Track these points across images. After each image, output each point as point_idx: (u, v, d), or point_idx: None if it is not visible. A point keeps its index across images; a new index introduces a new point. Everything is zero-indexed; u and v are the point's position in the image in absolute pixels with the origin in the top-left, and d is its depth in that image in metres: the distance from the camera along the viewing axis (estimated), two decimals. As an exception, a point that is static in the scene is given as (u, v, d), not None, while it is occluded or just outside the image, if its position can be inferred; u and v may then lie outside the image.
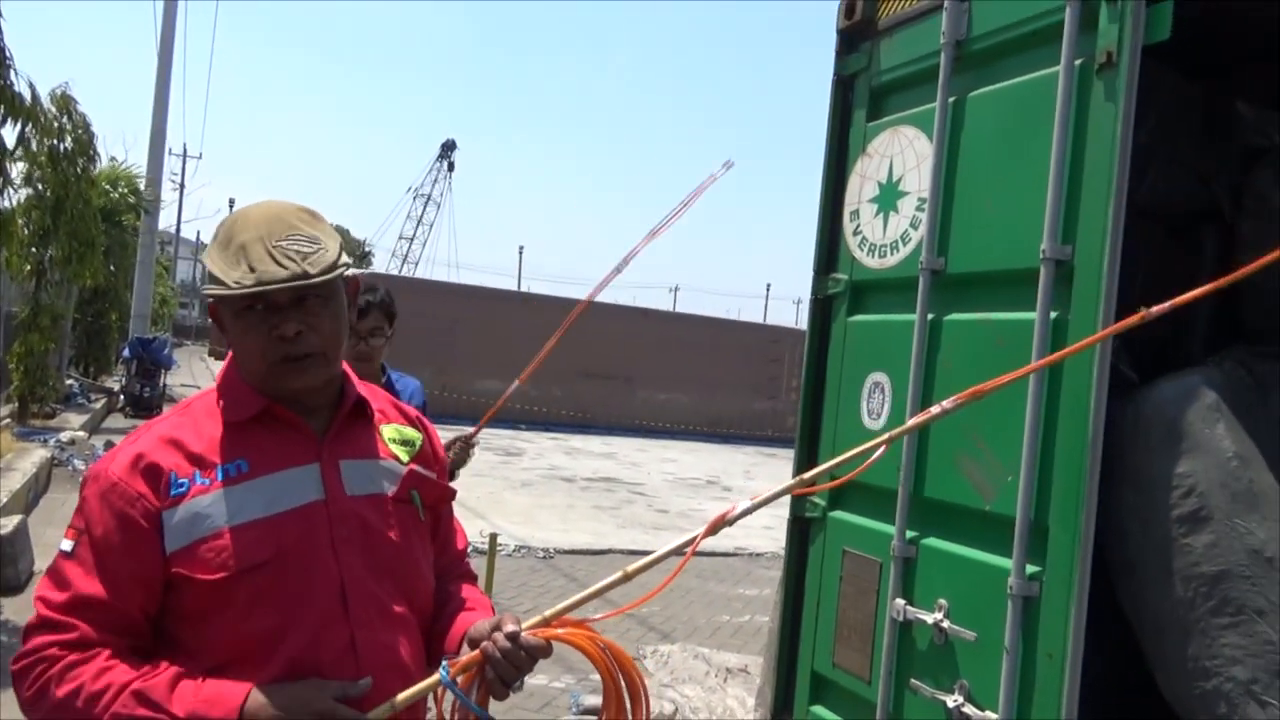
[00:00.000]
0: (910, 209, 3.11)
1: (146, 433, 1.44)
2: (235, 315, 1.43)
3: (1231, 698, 2.26)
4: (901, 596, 2.93)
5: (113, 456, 1.40)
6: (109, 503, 1.35)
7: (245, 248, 1.40)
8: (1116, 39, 2.45)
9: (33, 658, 1.29)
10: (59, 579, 1.34)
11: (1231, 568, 2.28)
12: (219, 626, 1.33)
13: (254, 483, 1.38)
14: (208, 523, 1.34)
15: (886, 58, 3.32)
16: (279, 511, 1.38)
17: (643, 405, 22.83)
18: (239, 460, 1.39)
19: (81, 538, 1.35)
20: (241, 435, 1.42)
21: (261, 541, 1.35)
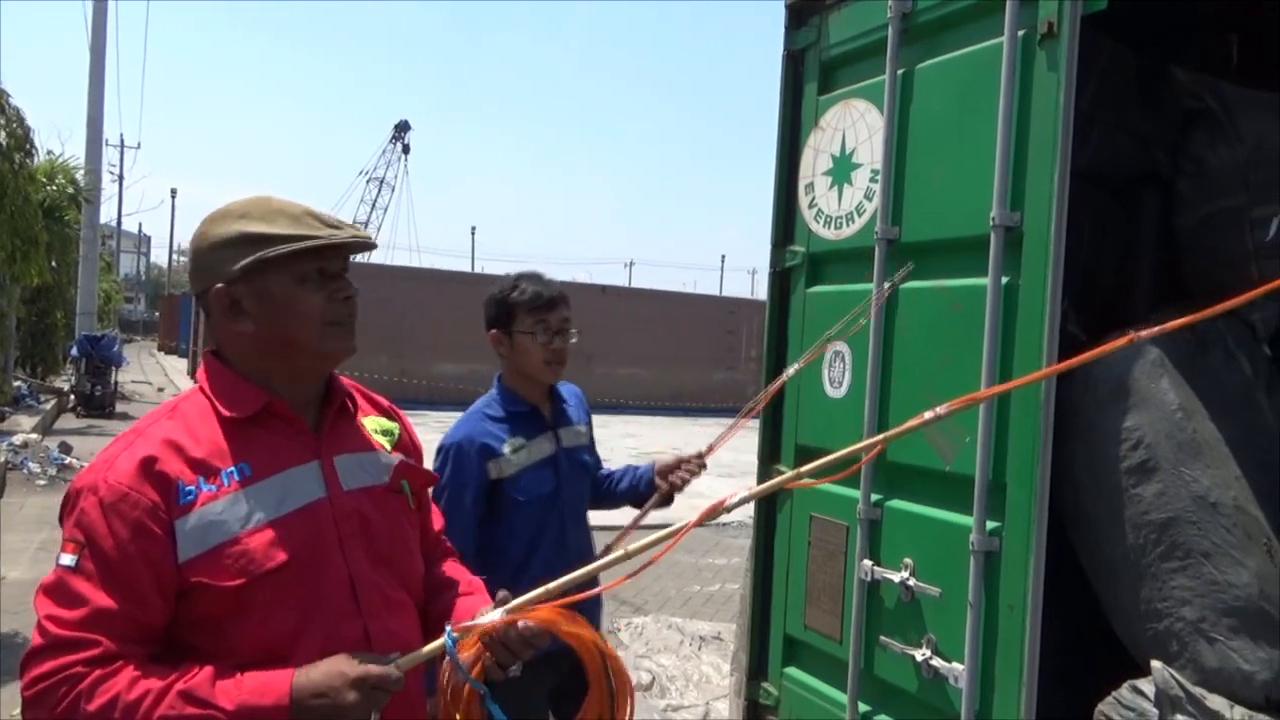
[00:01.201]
0: (864, 180, 3.18)
1: (141, 438, 1.36)
2: (298, 280, 1.40)
3: (1182, 637, 2.39)
4: (869, 558, 3.02)
5: (109, 464, 1.32)
6: (119, 512, 1.28)
7: (301, 216, 1.41)
8: (1057, 9, 2.52)
9: (55, 679, 1.22)
10: (67, 596, 1.26)
11: (1179, 514, 2.40)
12: (237, 631, 1.32)
13: (261, 485, 1.37)
14: (222, 530, 1.32)
15: (835, 31, 3.37)
16: (287, 513, 1.37)
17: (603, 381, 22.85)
18: (242, 463, 1.36)
19: (84, 551, 1.27)
20: (240, 436, 1.39)
21: (276, 545, 1.35)
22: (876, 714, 3.04)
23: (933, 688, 2.79)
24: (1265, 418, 2.53)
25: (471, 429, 2.46)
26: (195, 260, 1.44)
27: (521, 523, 2.38)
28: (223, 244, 1.40)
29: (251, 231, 1.38)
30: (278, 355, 1.42)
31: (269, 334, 1.40)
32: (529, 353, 2.49)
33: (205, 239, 1.43)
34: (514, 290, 2.49)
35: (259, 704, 1.24)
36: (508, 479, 2.42)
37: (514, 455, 2.44)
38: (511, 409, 2.50)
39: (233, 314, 1.40)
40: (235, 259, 1.38)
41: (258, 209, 1.42)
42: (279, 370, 1.43)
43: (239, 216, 1.40)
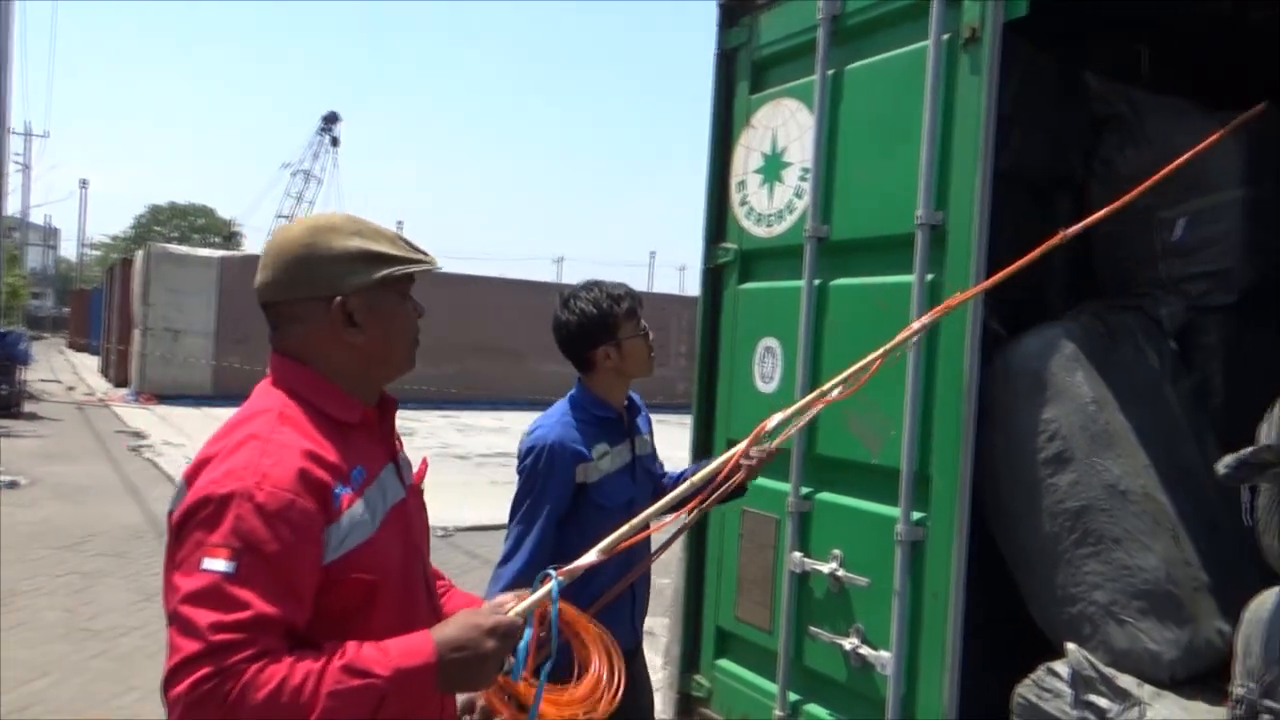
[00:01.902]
0: (794, 179, 3.23)
1: (274, 445, 1.37)
2: (401, 297, 1.51)
3: (1094, 620, 2.49)
4: (798, 549, 3.08)
5: (260, 471, 1.32)
6: (285, 519, 1.30)
7: (394, 238, 1.51)
8: (980, 15, 2.61)
9: (218, 679, 1.22)
10: (226, 601, 1.25)
11: (1091, 502, 2.50)
12: (359, 624, 1.38)
13: (373, 487, 1.44)
14: (362, 530, 1.39)
15: (767, 32, 3.42)
16: (387, 512, 1.46)
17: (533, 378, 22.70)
18: (358, 466, 1.43)
19: (244, 557, 1.27)
20: (346, 440, 1.44)
21: (393, 543, 1.45)
22: (806, 703, 3.11)
23: (861, 676, 2.86)
24: (1171, 408, 2.66)
25: (564, 433, 2.46)
26: (301, 270, 1.46)
27: (600, 528, 2.30)
28: (342, 257, 1.45)
29: (372, 249, 1.47)
30: (374, 366, 1.51)
31: (374, 347, 1.48)
32: (639, 354, 2.54)
33: (318, 249, 1.46)
34: (611, 302, 2.51)
35: (411, 665, 1.30)
36: (592, 484, 2.44)
37: (601, 461, 2.46)
38: (599, 414, 2.52)
39: (348, 325, 1.46)
40: (359, 273, 1.45)
41: (363, 227, 1.49)
42: (369, 380, 1.52)
43: (351, 233, 1.47)
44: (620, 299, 2.52)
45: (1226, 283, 2.73)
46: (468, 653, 1.35)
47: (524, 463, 2.46)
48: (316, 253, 1.45)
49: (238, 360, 18.98)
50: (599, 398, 2.54)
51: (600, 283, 2.59)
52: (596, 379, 2.55)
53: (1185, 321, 2.77)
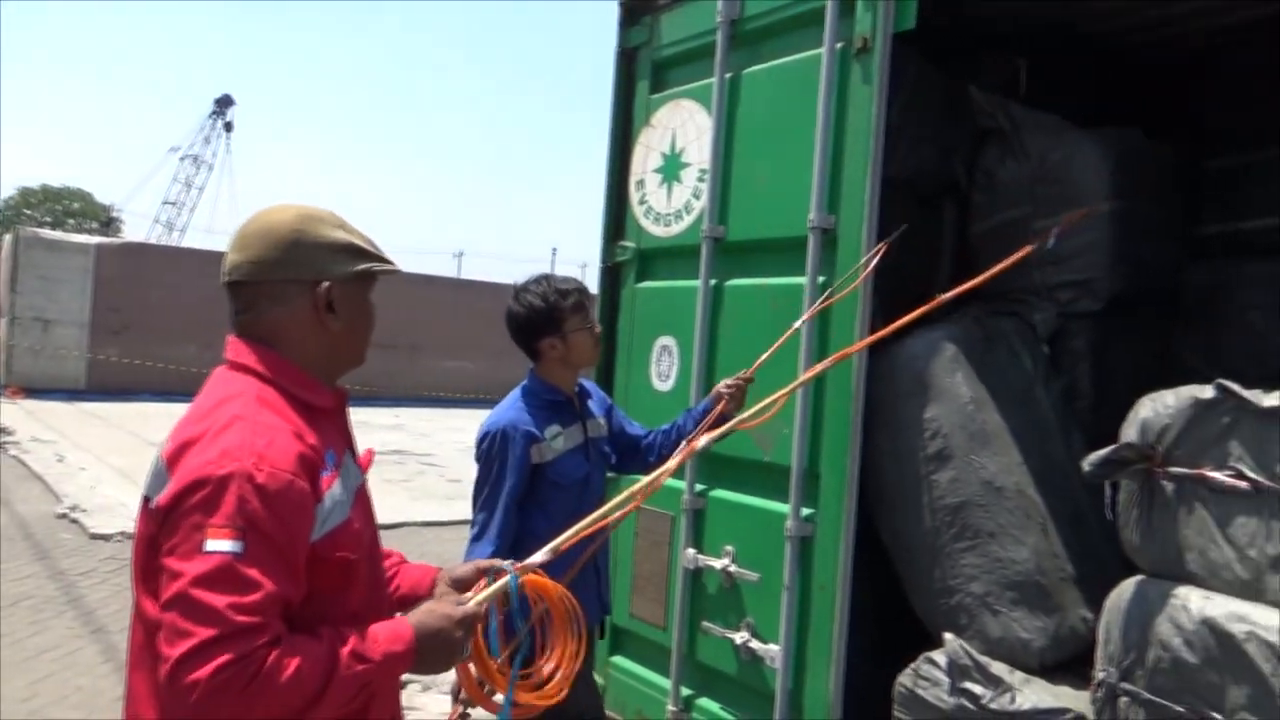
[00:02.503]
0: (692, 179, 3.27)
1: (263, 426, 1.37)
2: (368, 294, 1.57)
3: (971, 610, 2.60)
4: (692, 546, 3.11)
5: (256, 452, 1.33)
6: (285, 499, 1.32)
7: (367, 239, 1.56)
8: (871, 26, 2.69)
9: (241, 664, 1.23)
10: (240, 581, 1.26)
11: (969, 498, 2.61)
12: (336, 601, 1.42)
13: (344, 469, 1.48)
14: (339, 511, 1.42)
15: (667, 32, 3.44)
16: (354, 493, 1.50)
17: (429, 374, 22.34)
18: (330, 449, 1.46)
19: (249, 536, 1.27)
20: (317, 424, 1.47)
21: (365, 522, 1.50)
22: (698, 697, 3.15)
23: (750, 669, 2.91)
24: (1043, 409, 2.80)
25: (516, 415, 2.59)
26: (291, 251, 1.48)
27: (557, 506, 2.51)
28: (331, 246, 1.50)
29: (357, 244, 1.53)
30: (340, 354, 1.56)
31: (344, 336, 1.53)
32: (583, 346, 2.65)
33: (309, 235, 1.49)
34: (558, 296, 2.62)
35: (396, 650, 1.37)
36: (547, 464, 2.56)
37: (554, 441, 2.58)
38: (549, 398, 2.64)
39: (327, 311, 1.49)
40: (346, 264, 1.51)
41: (346, 224, 1.56)
42: (333, 368, 1.56)
43: (337, 226, 1.53)
44: (567, 294, 2.63)
45: (1094, 291, 2.89)
46: (439, 640, 1.45)
47: (480, 449, 2.59)
48: (307, 238, 1.49)
49: (115, 353, 18.03)
50: (549, 383, 2.66)
51: (550, 277, 2.70)
52: (545, 367, 2.67)
53: (1057, 327, 2.92)
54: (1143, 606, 2.18)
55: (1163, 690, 2.11)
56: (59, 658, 4.78)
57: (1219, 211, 3.19)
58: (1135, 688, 2.17)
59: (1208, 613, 2.06)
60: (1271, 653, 1.95)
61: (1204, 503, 2.13)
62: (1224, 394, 2.11)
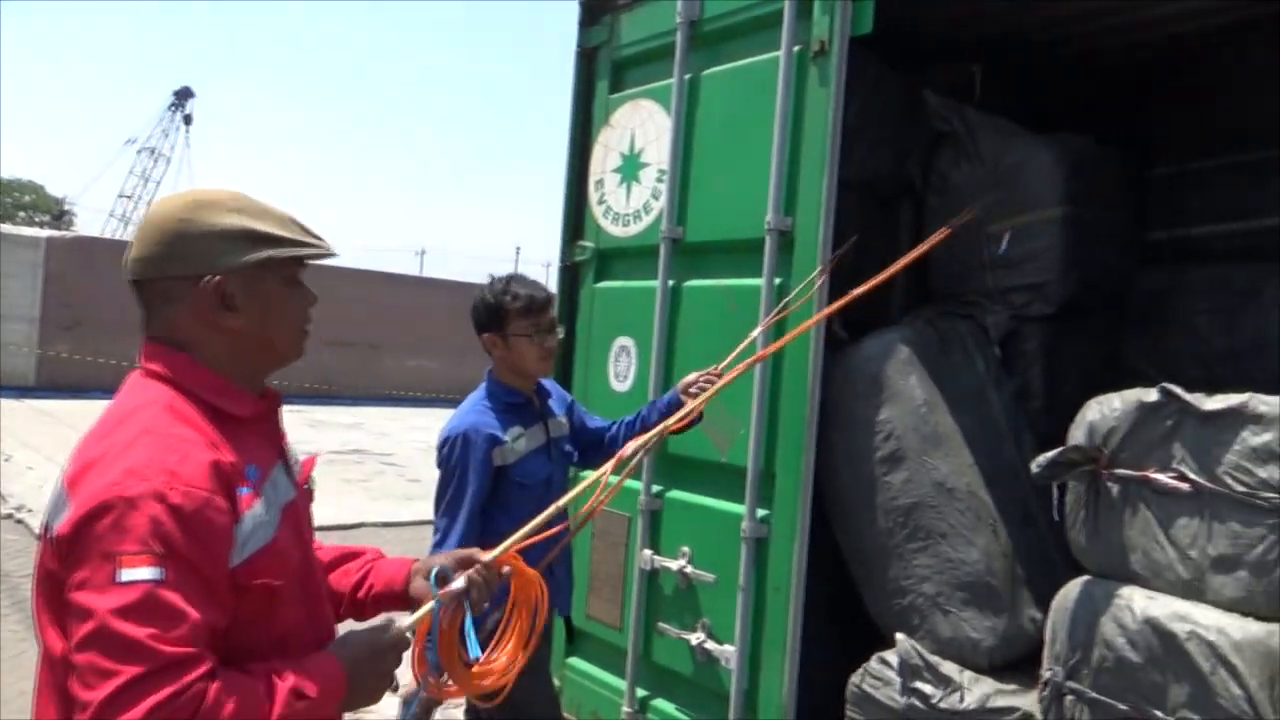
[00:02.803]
0: (651, 180, 3.26)
1: (173, 440, 1.24)
2: (287, 283, 1.41)
3: (922, 610, 2.63)
4: (649, 547, 3.11)
5: (167, 470, 1.20)
6: (202, 519, 1.19)
7: (284, 219, 1.41)
8: (828, 29, 2.70)
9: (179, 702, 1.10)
10: (163, 611, 1.13)
11: (922, 499, 2.64)
12: (259, 629, 1.31)
13: (267, 484, 1.35)
14: (261, 534, 1.29)
15: (627, 32, 3.43)
16: (281, 511, 1.37)
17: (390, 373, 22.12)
18: (251, 464, 1.33)
19: (168, 562, 1.15)
20: (236, 435, 1.33)
21: (292, 542, 1.37)
22: (654, 698, 3.14)
23: (706, 670, 2.92)
24: (994, 411, 2.83)
25: (476, 419, 2.58)
26: (174, 245, 1.34)
27: (521, 507, 2.43)
28: (221, 234, 1.35)
29: (255, 229, 1.37)
30: (253, 354, 1.41)
31: (251, 333, 1.38)
32: (523, 352, 2.63)
33: (195, 225, 1.34)
34: (507, 296, 2.62)
35: (329, 686, 1.27)
36: (510, 465, 2.56)
37: (515, 443, 2.58)
38: (509, 400, 2.64)
39: (223, 308, 1.35)
40: (239, 252, 1.35)
41: (248, 205, 1.39)
42: (252, 369, 1.42)
43: (233, 210, 1.37)
44: (516, 296, 2.63)
45: (1045, 295, 2.93)
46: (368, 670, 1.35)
47: (441, 454, 2.58)
48: (193, 228, 1.34)
49: (66, 349, 17.63)
50: (506, 385, 2.67)
51: (518, 277, 2.70)
52: (497, 368, 2.69)
53: (1009, 330, 2.95)
54: (1088, 606, 2.22)
55: (1107, 689, 2.15)
56: (3, 661, 4.66)
57: (1167, 218, 3.26)
58: (1081, 686, 2.20)
59: (1151, 612, 2.10)
60: (1211, 652, 1.99)
61: (1148, 504, 2.17)
62: (1167, 397, 2.14)
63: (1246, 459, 2.01)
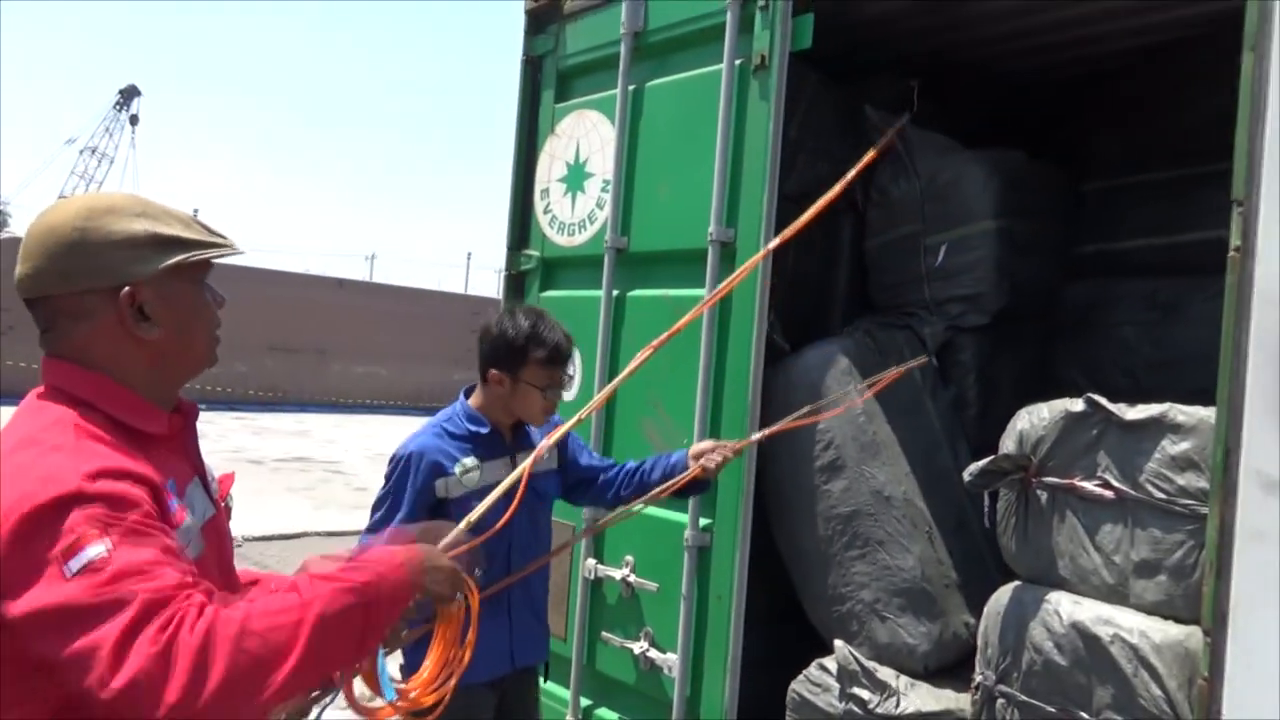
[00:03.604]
0: (596, 190, 3.27)
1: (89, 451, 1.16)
2: (196, 286, 1.34)
3: (861, 617, 2.67)
4: (593, 557, 3.11)
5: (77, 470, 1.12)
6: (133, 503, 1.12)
7: (186, 220, 1.33)
8: (769, 43, 2.74)
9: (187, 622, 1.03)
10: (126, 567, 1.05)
11: (860, 507, 2.68)
12: None
13: (189, 500, 1.29)
14: (191, 547, 1.23)
15: (572, 42, 3.44)
16: (202, 530, 1.30)
17: (338, 379, 21.82)
18: (170, 481, 1.25)
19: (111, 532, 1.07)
20: (151, 452, 1.25)
21: (210, 564, 1.30)
22: (597, 708, 3.14)
23: (649, 678, 2.93)
24: (931, 420, 2.89)
25: (426, 443, 2.33)
26: (78, 257, 1.24)
27: None
28: (128, 241, 1.25)
29: (162, 232, 1.28)
30: (172, 365, 1.33)
31: (169, 343, 1.30)
32: (530, 402, 2.35)
33: (98, 233, 1.24)
34: (532, 343, 2.32)
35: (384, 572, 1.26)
36: (454, 500, 2.27)
37: (464, 477, 2.31)
38: (472, 428, 2.36)
39: (136, 319, 1.26)
40: (149, 259, 1.26)
41: (149, 208, 1.30)
42: (166, 380, 1.34)
43: (137, 214, 1.28)
44: (542, 344, 2.34)
45: (980, 306, 3.00)
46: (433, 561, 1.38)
47: (386, 470, 2.39)
48: (95, 237, 1.24)
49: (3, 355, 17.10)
50: (476, 412, 2.40)
51: (544, 319, 2.40)
52: (485, 397, 2.40)
53: (945, 340, 3.02)
54: (1018, 611, 2.27)
55: (1036, 692, 2.20)
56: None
57: (1097, 232, 3.35)
58: (1011, 690, 2.25)
59: (1077, 617, 2.16)
60: (1134, 654, 2.05)
61: (1074, 511, 2.23)
62: (1092, 407, 2.21)
63: (1166, 467, 2.08)
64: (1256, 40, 1.72)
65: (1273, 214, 1.65)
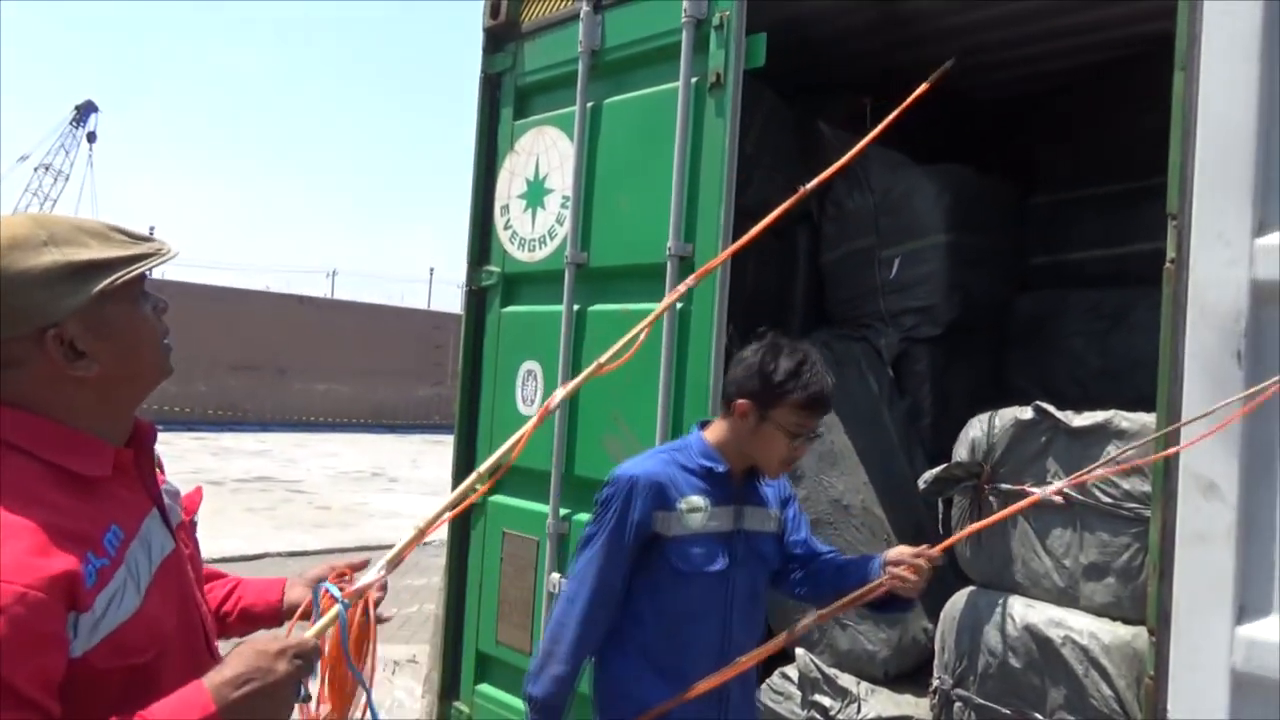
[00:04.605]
0: (556, 206, 3.30)
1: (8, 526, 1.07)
2: (134, 302, 1.22)
3: (822, 625, 2.70)
4: (557, 570, 3.12)
5: None
6: (17, 621, 1.02)
7: (103, 232, 1.22)
8: (724, 62, 2.79)
9: None
10: None
11: (820, 516, 2.73)
12: (136, 703, 1.13)
13: (135, 544, 1.19)
14: (127, 604, 1.15)
15: (530, 60, 3.47)
16: (155, 572, 1.22)
17: (299, 397, 21.59)
18: (113, 524, 1.17)
19: None
20: (92, 493, 1.18)
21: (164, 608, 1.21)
22: (563, 721, 3.14)
23: (614, 691, 2.93)
24: (887, 429, 2.95)
25: (655, 469, 2.06)
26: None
27: (673, 597, 2.01)
28: (41, 279, 1.14)
29: (77, 259, 1.16)
30: (119, 394, 1.24)
31: (114, 372, 1.21)
32: (772, 446, 2.04)
33: (8, 276, 1.14)
34: (794, 382, 2.00)
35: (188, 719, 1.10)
36: (671, 539, 2.01)
37: (688, 516, 2.02)
38: (707, 464, 2.07)
39: (70, 359, 1.17)
40: (68, 294, 1.15)
41: (56, 232, 1.19)
42: (116, 409, 1.24)
43: (43, 243, 1.16)
44: (806, 387, 2.00)
45: (933, 317, 3.07)
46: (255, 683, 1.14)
47: (599, 493, 2.10)
48: (8, 278, 1.14)
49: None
50: (713, 445, 2.10)
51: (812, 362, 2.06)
52: (725, 429, 2.10)
53: (900, 351, 3.08)
54: (974, 616, 2.32)
55: (992, 694, 2.25)
56: None
57: (1046, 244, 3.45)
58: (968, 693, 2.30)
59: (1029, 619, 2.21)
60: (1084, 655, 2.11)
61: (1025, 517, 2.29)
62: (1041, 415, 2.27)
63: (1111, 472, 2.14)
64: (1186, 60, 1.79)
65: (1205, 228, 1.71)
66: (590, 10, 3.15)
